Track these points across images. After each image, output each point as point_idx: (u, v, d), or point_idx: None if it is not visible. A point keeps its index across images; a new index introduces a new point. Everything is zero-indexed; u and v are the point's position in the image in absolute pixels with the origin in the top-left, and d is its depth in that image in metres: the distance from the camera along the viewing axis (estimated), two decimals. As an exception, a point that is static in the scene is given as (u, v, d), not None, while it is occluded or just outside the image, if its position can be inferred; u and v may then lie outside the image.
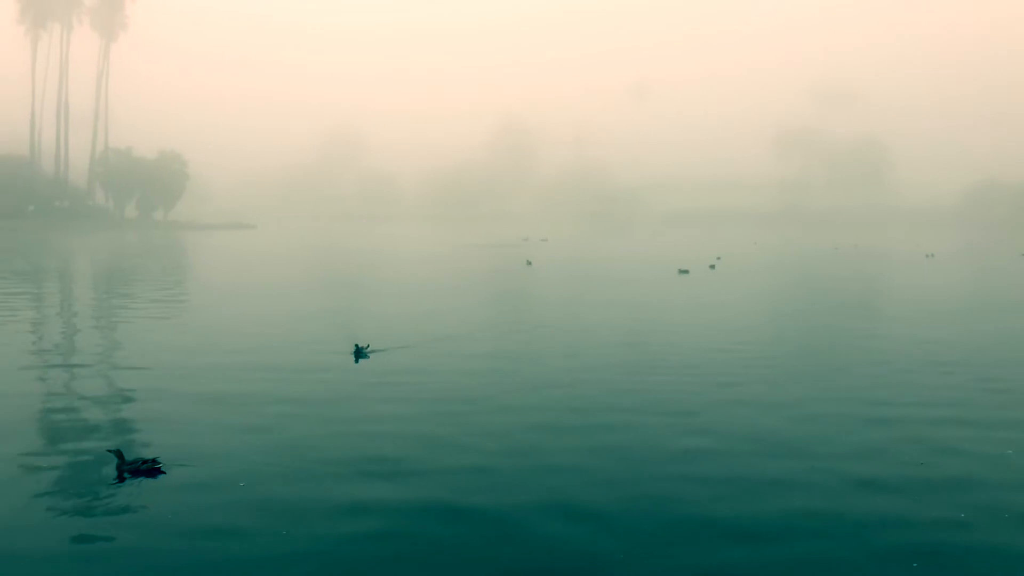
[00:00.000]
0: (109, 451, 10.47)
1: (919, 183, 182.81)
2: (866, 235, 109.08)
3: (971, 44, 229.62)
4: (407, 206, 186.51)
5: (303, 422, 12.87)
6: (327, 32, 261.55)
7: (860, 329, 24.81)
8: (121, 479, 10.06)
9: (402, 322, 24.15)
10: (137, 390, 15.42)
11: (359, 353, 17.97)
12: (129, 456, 10.54)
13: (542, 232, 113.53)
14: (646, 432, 12.58)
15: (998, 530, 9.10)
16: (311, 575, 8.00)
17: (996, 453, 11.64)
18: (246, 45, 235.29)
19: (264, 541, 8.64)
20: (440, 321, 24.44)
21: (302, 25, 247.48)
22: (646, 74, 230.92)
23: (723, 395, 15.02)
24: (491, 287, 37.83)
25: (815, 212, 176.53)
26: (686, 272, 44.54)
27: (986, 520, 9.34)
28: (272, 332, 22.13)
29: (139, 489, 9.88)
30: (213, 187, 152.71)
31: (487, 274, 45.31)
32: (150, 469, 10.20)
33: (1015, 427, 12.95)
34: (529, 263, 53.01)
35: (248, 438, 12.03)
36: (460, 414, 13.49)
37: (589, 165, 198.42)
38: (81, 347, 20.68)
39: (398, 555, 8.43)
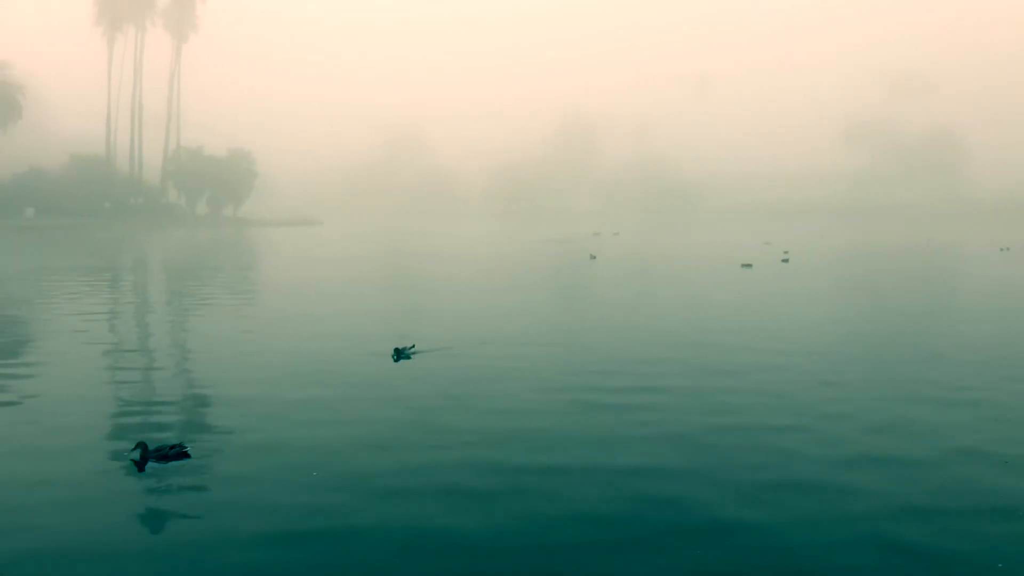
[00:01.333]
0: (135, 448, 10.87)
1: (995, 175, 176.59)
2: (939, 229, 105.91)
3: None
4: (469, 202, 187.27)
5: (316, 418, 13.00)
6: (389, 31, 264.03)
7: (942, 326, 24.16)
8: (142, 469, 10.51)
9: (453, 321, 23.79)
10: (175, 379, 16.06)
11: (399, 353, 17.79)
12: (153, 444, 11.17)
13: (610, 226, 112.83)
14: (742, 442, 11.87)
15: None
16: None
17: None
18: (310, 45, 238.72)
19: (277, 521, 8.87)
20: (493, 321, 23.97)
21: (365, 25, 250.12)
22: (708, 65, 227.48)
23: (822, 400, 14.20)
24: (552, 284, 37.45)
25: (885, 205, 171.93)
26: (749, 267, 44.01)
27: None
28: (321, 329, 22.23)
29: (165, 472, 10.46)
30: (280, 184, 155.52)
31: (549, 270, 45.14)
32: (178, 454, 10.76)
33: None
34: (593, 258, 52.87)
35: (258, 431, 12.39)
36: (489, 420, 12.95)
37: (651, 159, 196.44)
38: (141, 338, 21.34)
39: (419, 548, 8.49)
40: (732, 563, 8.20)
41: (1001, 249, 62.12)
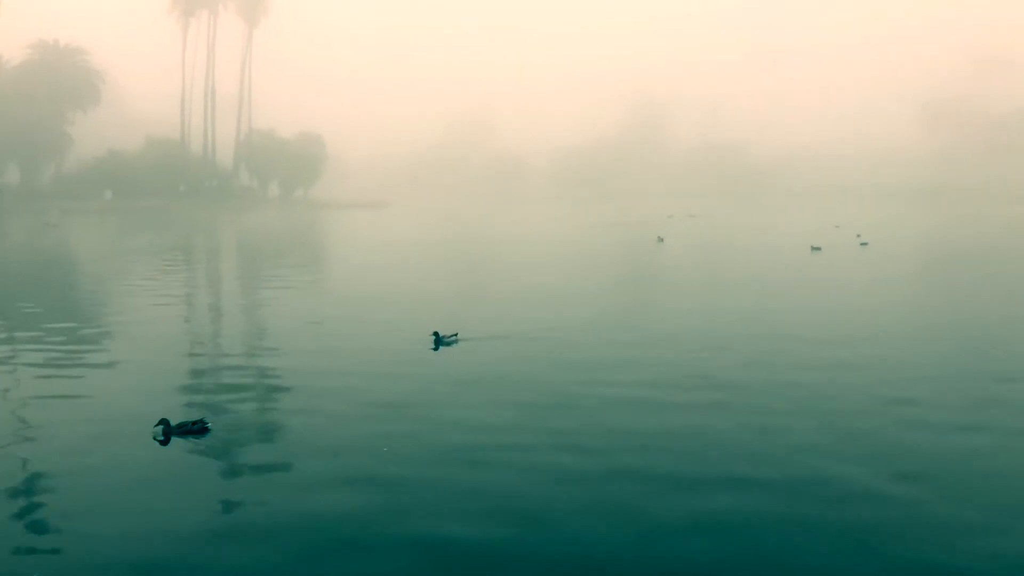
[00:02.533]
0: (157, 424, 11.32)
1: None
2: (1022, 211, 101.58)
3: None
4: (536, 185, 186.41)
5: (340, 404, 12.98)
6: (456, 14, 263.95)
7: None
8: (167, 441, 11.01)
9: (508, 306, 23.34)
10: (231, 357, 16.27)
11: (439, 341, 17.35)
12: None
13: (684, 208, 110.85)
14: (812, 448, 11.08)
15: None
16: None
17: None
18: (380, 29, 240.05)
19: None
20: (550, 307, 23.32)
21: (431, 8, 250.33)
22: (782, 42, 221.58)
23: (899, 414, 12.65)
24: (617, 268, 36.59)
25: (968, 187, 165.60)
26: (818, 250, 42.89)
27: None
28: (373, 312, 22.17)
29: (188, 444, 10.98)
30: (349, 167, 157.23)
31: (615, 254, 44.41)
32: (200, 429, 11.21)
33: None
34: (660, 240, 52.02)
35: (284, 413, 12.67)
36: (534, 414, 12.43)
37: (722, 139, 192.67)
38: (208, 318, 21.60)
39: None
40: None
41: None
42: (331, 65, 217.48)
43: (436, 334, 17.43)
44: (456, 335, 17.67)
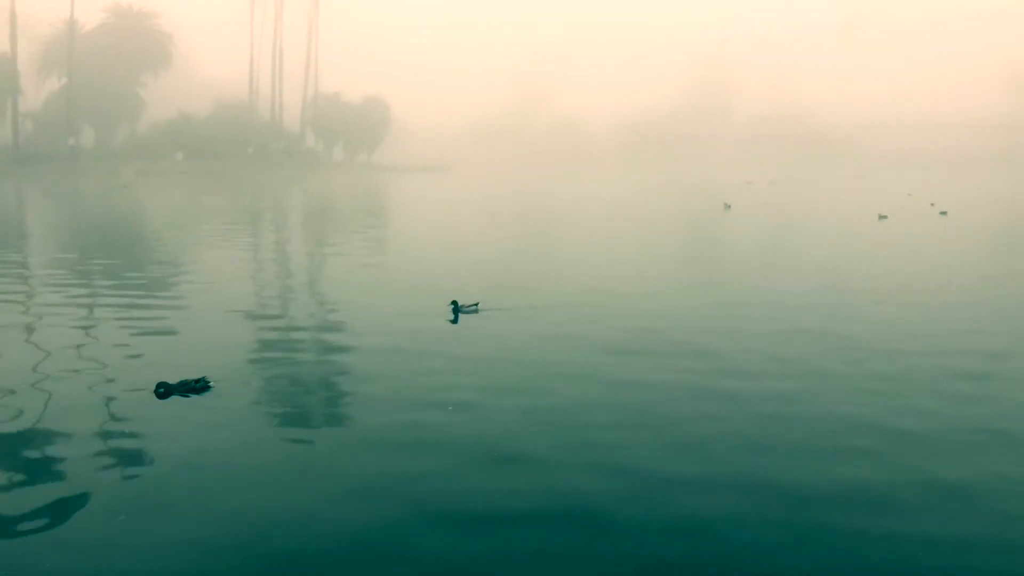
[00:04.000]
0: (158, 387, 11.42)
1: None
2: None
3: None
4: (601, 151, 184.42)
5: (338, 370, 12.76)
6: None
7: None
8: (167, 396, 11.19)
9: (555, 274, 22.68)
10: (279, 317, 16.28)
11: (457, 310, 16.72)
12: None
13: (762, 175, 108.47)
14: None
15: None
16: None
17: None
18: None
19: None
20: (602, 275, 22.61)
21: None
22: (856, 5, 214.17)
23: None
24: (679, 235, 35.82)
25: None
26: (885, 218, 41.85)
27: None
28: (412, 277, 21.82)
29: (190, 402, 11.05)
30: (413, 131, 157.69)
31: (680, 221, 43.62)
32: (202, 387, 11.39)
33: None
34: (727, 207, 51.07)
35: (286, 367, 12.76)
36: (532, 398, 11.35)
37: (793, 105, 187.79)
38: (271, 278, 21.78)
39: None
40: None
41: None
42: (396, 29, 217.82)
43: (455, 303, 16.80)
44: (477, 304, 17.05)
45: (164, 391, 11.29)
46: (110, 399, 11.24)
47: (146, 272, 23.30)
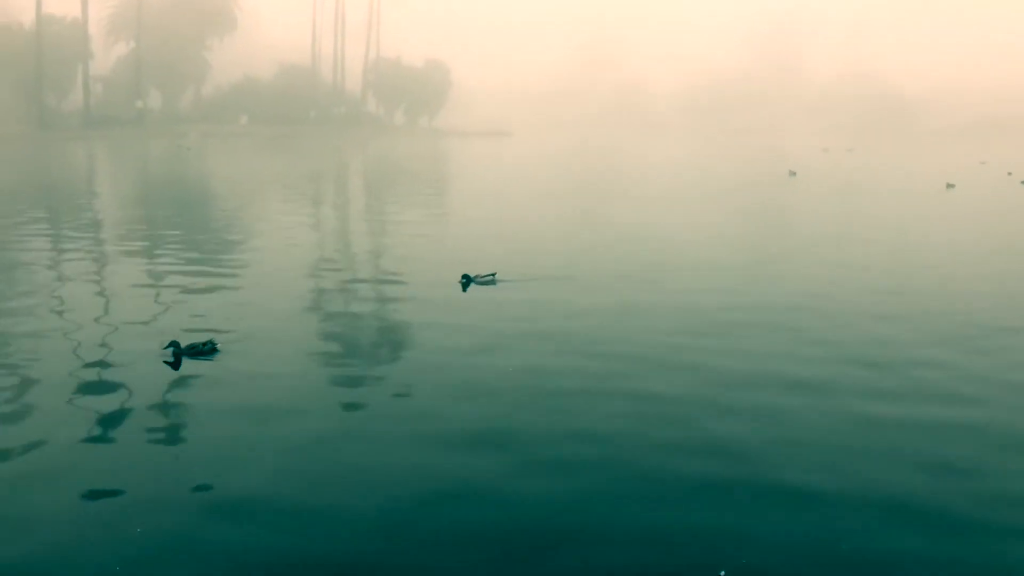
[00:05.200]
0: (168, 346, 11.36)
1: None
2: None
3: None
4: (665, 116, 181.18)
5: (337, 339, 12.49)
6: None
7: None
8: (177, 366, 10.98)
9: (598, 244, 21.76)
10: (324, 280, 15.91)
11: (468, 282, 16.18)
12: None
13: (840, 143, 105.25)
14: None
15: None
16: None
17: None
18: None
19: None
20: (656, 243, 21.94)
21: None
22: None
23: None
24: (741, 203, 34.64)
25: None
26: (952, 187, 40.49)
27: None
28: (456, 246, 21.29)
29: (199, 367, 10.93)
30: (474, 95, 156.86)
31: (741, 188, 42.37)
32: (210, 350, 11.39)
33: None
34: (792, 174, 49.66)
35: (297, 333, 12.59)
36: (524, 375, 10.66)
37: (864, 71, 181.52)
38: (329, 242, 21.69)
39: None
40: None
41: None
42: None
43: (466, 276, 16.31)
44: (494, 274, 16.52)
45: (175, 355, 11.22)
46: (141, 355, 11.21)
47: (202, 233, 23.48)
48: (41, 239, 22.26)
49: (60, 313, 13.83)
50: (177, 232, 23.63)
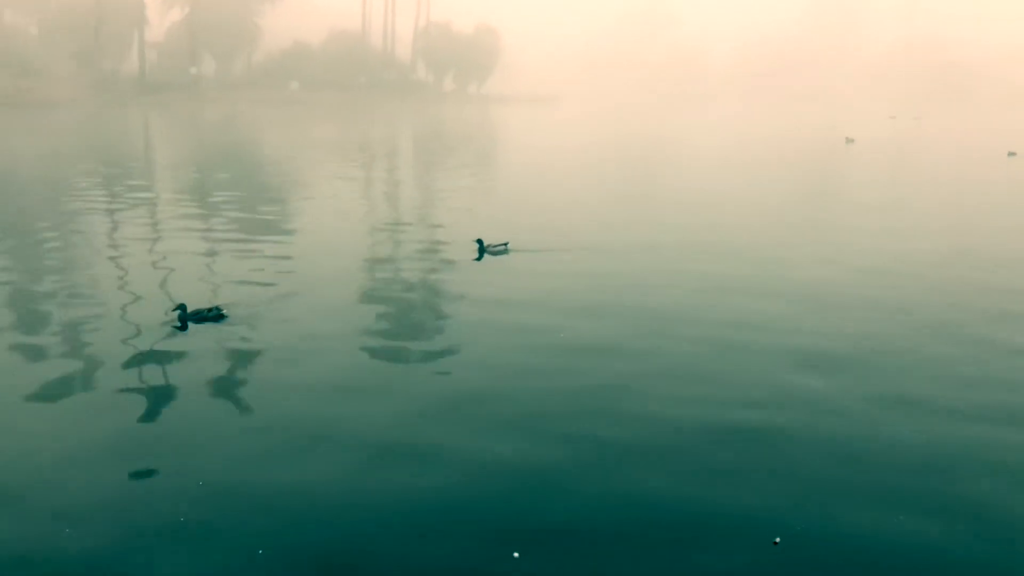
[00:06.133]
0: (175, 310, 11.40)
1: None
2: None
3: None
4: (717, 81, 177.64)
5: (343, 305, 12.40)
6: None
7: None
8: (184, 327, 11.08)
9: (634, 214, 21.19)
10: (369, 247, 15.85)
11: (482, 249, 15.85)
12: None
13: (906, 110, 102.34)
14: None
15: None
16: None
17: None
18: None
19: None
20: (699, 212, 21.36)
21: None
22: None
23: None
24: (793, 171, 33.88)
25: None
26: (1014, 155, 39.27)
27: None
28: (489, 217, 20.81)
29: (206, 331, 10.97)
30: (523, 61, 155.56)
31: (795, 155, 41.47)
32: (216, 316, 11.35)
33: None
34: (850, 141, 48.48)
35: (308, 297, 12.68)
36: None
37: (923, 36, 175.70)
38: (375, 208, 21.75)
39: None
40: None
41: None
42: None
43: (479, 242, 15.97)
44: (506, 244, 16.08)
45: (181, 319, 11.21)
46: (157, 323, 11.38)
47: (250, 200, 23.74)
48: (96, 203, 22.72)
49: (106, 275, 14.13)
50: (225, 198, 23.93)
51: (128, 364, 9.84)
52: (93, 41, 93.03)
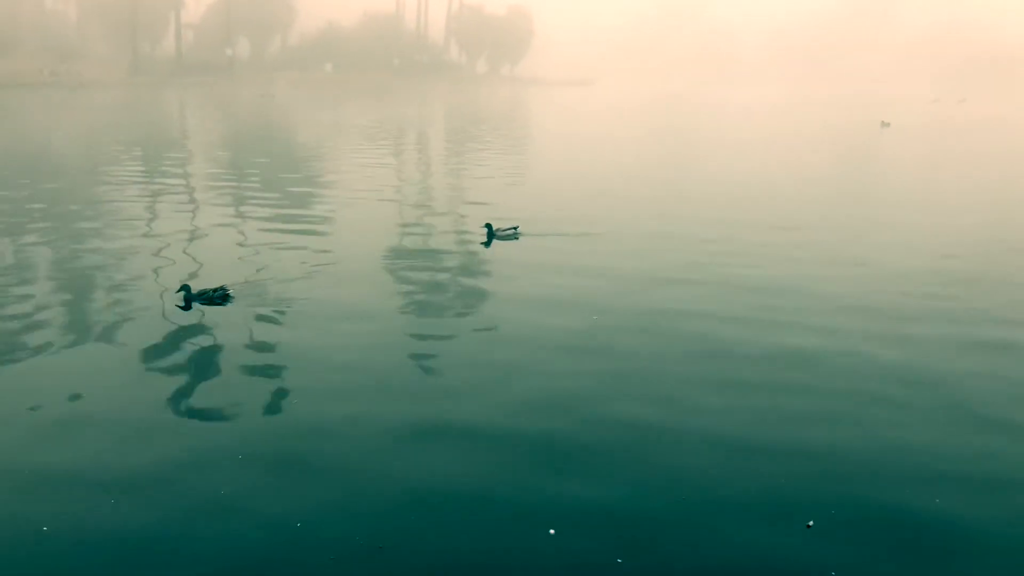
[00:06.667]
0: (179, 290, 11.37)
1: None
2: None
3: None
4: (752, 62, 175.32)
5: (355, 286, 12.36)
6: None
7: None
8: (188, 307, 11.03)
9: (655, 198, 20.88)
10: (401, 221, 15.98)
11: (491, 234, 15.53)
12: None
13: (951, 93, 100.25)
14: None
15: None
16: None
17: None
18: None
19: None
20: (724, 198, 20.92)
21: None
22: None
23: None
24: (824, 156, 33.40)
25: None
26: None
27: None
28: (512, 200, 20.53)
29: (211, 311, 10.93)
30: (556, 43, 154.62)
31: (828, 139, 40.98)
32: (222, 296, 11.23)
33: None
34: (885, 124, 47.77)
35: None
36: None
37: (961, 15, 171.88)
38: (405, 186, 21.93)
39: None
40: None
41: None
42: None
43: (488, 227, 15.67)
44: (516, 228, 15.76)
45: (185, 299, 11.18)
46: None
47: (281, 181, 24.05)
48: (129, 182, 23.18)
49: (126, 252, 14.48)
50: (256, 179, 24.29)
51: (125, 342, 9.92)
52: (131, 23, 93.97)
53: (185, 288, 11.23)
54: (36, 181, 23.05)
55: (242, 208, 19.20)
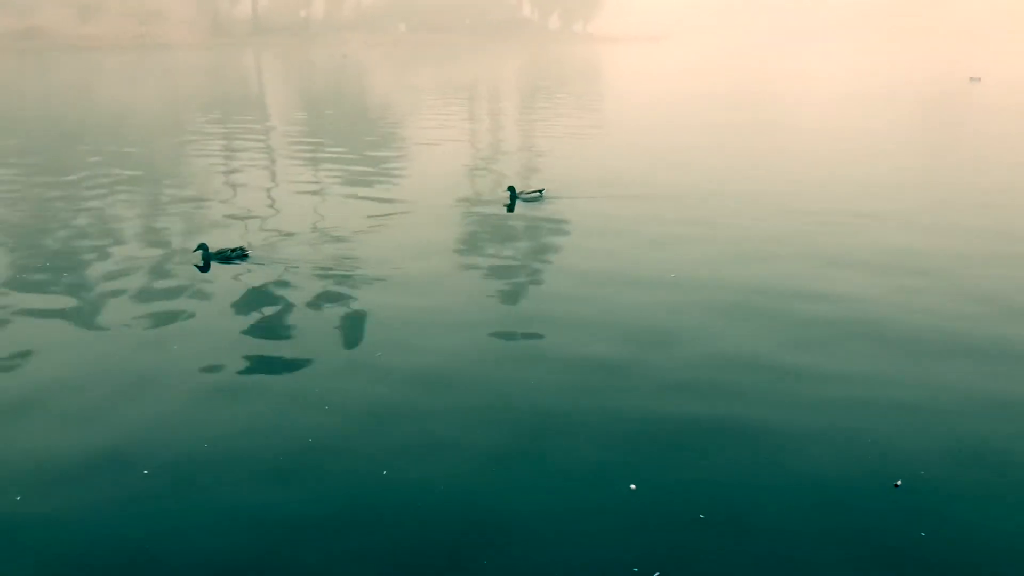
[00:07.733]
0: (196, 250, 11.43)
1: None
2: None
3: None
4: (836, 17, 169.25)
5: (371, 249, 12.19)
6: None
7: None
8: (207, 267, 11.08)
9: (713, 164, 20.11)
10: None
11: (514, 197, 15.32)
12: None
13: None
14: None
15: None
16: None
17: None
18: None
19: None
20: (798, 160, 20.50)
21: None
22: None
23: None
24: (906, 114, 32.12)
25: None
26: None
27: None
28: (563, 165, 20.23)
29: (228, 270, 10.95)
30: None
31: (912, 95, 39.36)
32: (241, 256, 11.37)
33: None
34: (975, 80, 45.76)
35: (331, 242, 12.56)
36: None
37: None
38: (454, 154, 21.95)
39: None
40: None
41: None
42: None
43: (511, 189, 15.40)
44: (541, 191, 15.44)
45: (204, 258, 11.23)
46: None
47: (355, 143, 24.34)
48: (205, 140, 23.79)
49: (178, 210, 14.90)
50: (327, 138, 24.64)
51: (138, 299, 10.12)
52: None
53: (203, 247, 11.23)
54: (128, 142, 23.83)
55: (317, 168, 19.56)
